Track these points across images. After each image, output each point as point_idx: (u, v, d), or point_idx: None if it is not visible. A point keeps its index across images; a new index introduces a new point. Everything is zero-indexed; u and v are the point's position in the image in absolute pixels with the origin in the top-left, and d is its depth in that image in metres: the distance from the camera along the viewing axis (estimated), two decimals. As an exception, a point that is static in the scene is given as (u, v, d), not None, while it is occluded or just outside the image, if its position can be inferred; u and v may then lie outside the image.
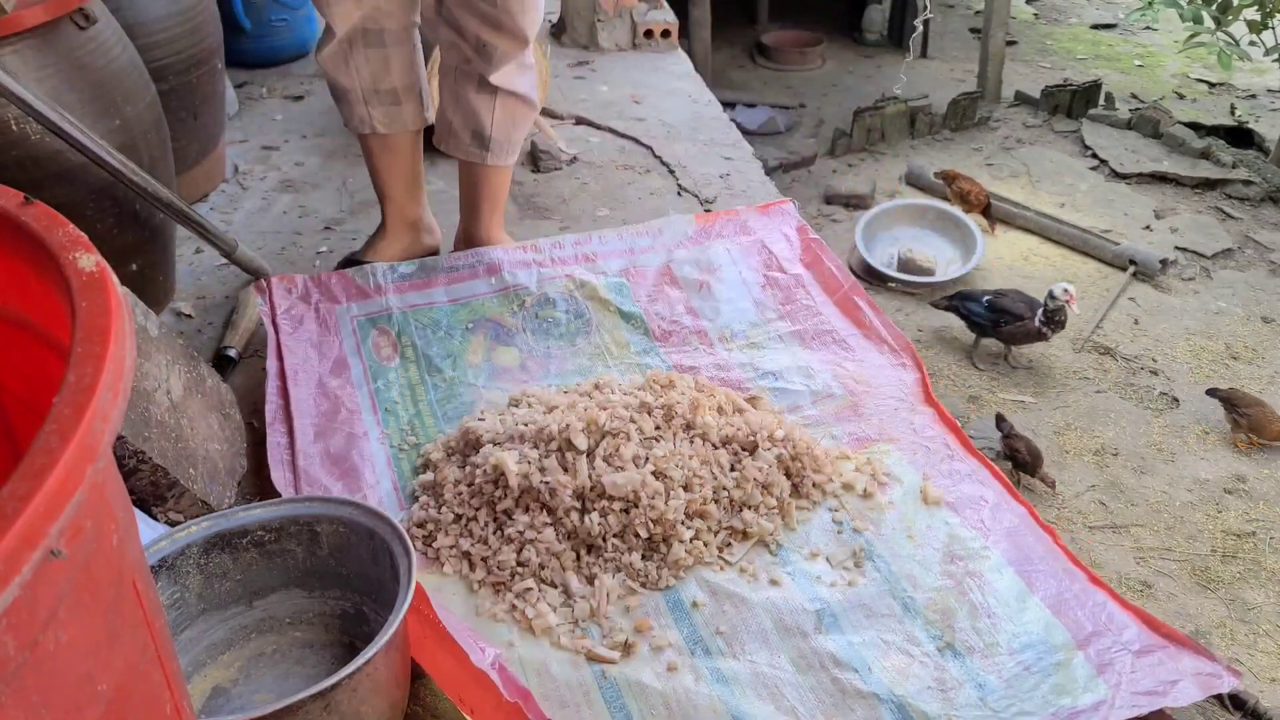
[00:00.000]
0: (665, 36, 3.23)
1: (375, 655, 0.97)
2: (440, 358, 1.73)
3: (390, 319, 1.78)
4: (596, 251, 1.96)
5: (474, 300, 1.83)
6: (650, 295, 1.89)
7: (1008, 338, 2.52)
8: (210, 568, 1.12)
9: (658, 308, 1.86)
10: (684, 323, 1.84)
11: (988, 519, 1.42)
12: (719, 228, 2.05)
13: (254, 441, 1.55)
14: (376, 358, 1.72)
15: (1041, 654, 1.22)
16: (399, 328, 1.77)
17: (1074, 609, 1.28)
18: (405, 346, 1.75)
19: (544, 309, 1.83)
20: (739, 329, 1.84)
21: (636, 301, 1.87)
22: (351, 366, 1.69)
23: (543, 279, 1.87)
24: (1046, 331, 2.46)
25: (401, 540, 1.10)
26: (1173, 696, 1.16)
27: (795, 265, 1.98)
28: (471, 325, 1.79)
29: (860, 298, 1.90)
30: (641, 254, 1.96)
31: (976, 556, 1.36)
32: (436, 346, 1.75)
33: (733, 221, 2.07)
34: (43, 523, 0.41)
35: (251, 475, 1.50)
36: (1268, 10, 3.65)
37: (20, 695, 0.43)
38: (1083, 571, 1.34)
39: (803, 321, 1.87)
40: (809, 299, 1.91)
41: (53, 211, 0.60)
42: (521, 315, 1.81)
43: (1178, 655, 1.22)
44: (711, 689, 1.18)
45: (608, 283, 1.89)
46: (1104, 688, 1.17)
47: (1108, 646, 1.23)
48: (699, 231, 2.03)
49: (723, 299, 1.90)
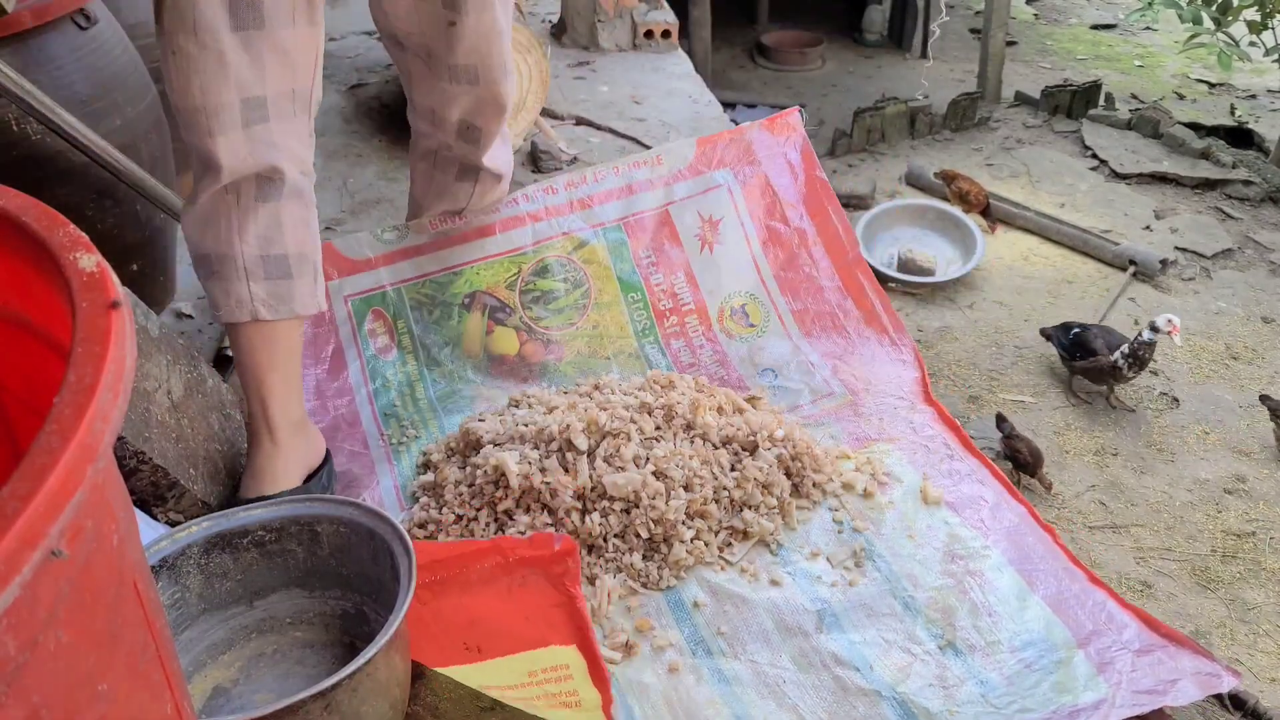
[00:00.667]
0: (665, 37, 3.23)
1: (376, 655, 0.97)
2: (438, 346, 1.70)
3: (385, 299, 1.72)
4: (592, 194, 1.86)
5: (467, 268, 1.75)
6: (649, 255, 1.83)
7: (1081, 372, 2.46)
8: (211, 568, 1.12)
9: (657, 278, 1.82)
10: (683, 297, 1.81)
11: (988, 518, 1.43)
12: (721, 153, 1.93)
13: (254, 442, 1.55)
14: (373, 348, 1.69)
15: (1042, 652, 1.22)
16: (394, 310, 1.72)
17: (1074, 608, 1.28)
18: (402, 334, 1.71)
19: (541, 278, 1.77)
20: (738, 304, 1.81)
21: (636, 266, 1.81)
22: (349, 363, 1.67)
23: (538, 236, 1.79)
24: (1125, 369, 2.35)
25: (402, 540, 1.10)
26: (1172, 695, 1.16)
27: (799, 210, 1.90)
28: (468, 301, 1.73)
29: (863, 273, 1.86)
30: (640, 191, 1.87)
31: (977, 556, 1.36)
32: (434, 333, 1.71)
33: (736, 143, 1.95)
34: (43, 523, 0.41)
35: (252, 475, 1.49)
36: (1268, 11, 3.65)
37: (20, 695, 0.43)
38: (1082, 571, 1.34)
39: (804, 298, 1.83)
40: (811, 266, 1.86)
41: (53, 211, 0.60)
42: (518, 288, 1.75)
43: (1177, 655, 1.22)
44: (713, 689, 1.18)
45: (606, 240, 1.82)
46: (1104, 686, 1.17)
47: (1108, 645, 1.23)
48: (700, 158, 1.92)
49: (723, 264, 1.84)
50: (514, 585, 1.10)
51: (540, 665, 1.12)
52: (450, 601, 1.11)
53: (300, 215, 1.34)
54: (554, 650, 1.12)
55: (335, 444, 1.55)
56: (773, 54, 5.10)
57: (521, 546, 1.09)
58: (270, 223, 1.31)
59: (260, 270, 1.32)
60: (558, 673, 1.12)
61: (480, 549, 1.18)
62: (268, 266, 1.32)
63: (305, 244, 1.35)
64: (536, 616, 1.13)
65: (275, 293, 1.33)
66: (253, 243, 1.30)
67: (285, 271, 1.33)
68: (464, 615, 1.12)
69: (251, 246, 1.31)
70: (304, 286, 1.36)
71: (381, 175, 2.38)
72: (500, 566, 1.11)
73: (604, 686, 1.13)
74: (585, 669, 1.13)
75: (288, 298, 1.34)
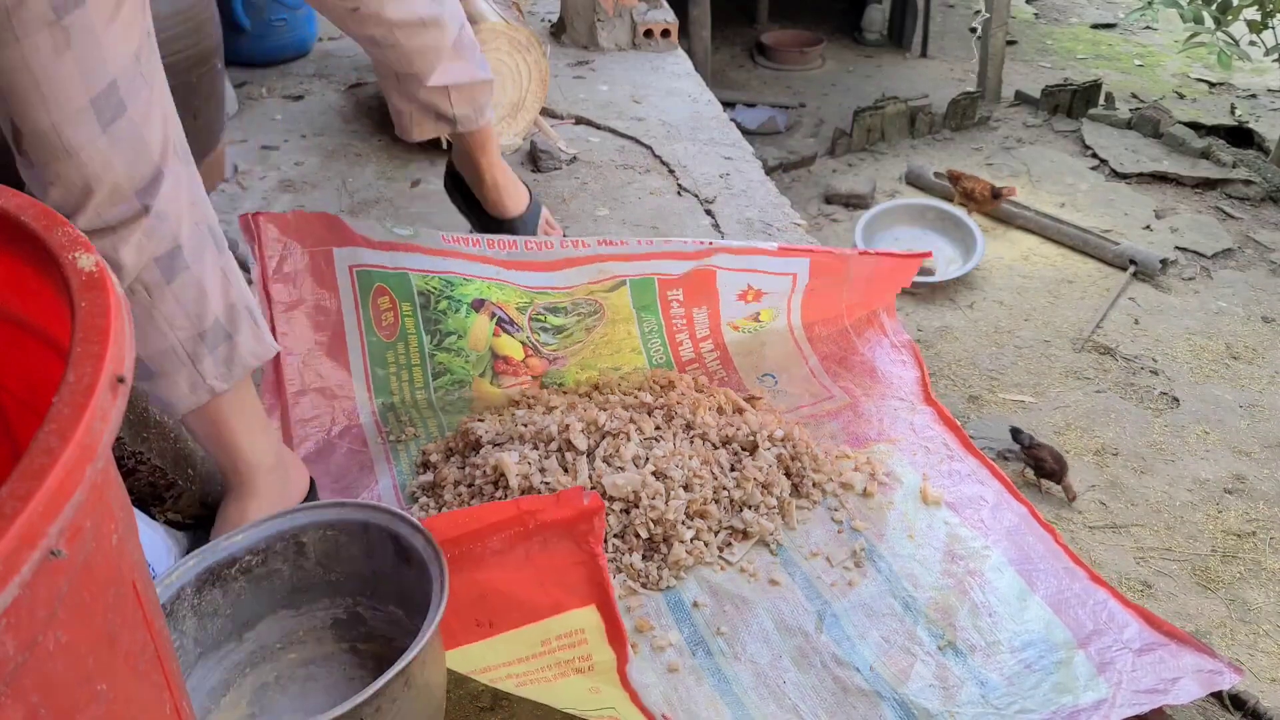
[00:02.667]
0: (665, 36, 3.23)
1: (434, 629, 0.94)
2: (442, 334, 1.65)
3: (389, 277, 1.64)
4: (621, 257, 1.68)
5: (480, 280, 1.66)
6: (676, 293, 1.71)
7: None
8: (203, 607, 1.07)
9: (677, 310, 1.72)
10: (699, 320, 1.74)
11: (988, 518, 1.43)
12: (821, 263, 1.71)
13: (254, 441, 1.55)
14: (376, 328, 1.64)
15: (1043, 652, 1.22)
16: (400, 291, 1.64)
17: (1075, 608, 1.28)
18: (406, 316, 1.65)
19: (554, 315, 1.68)
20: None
21: (659, 300, 1.70)
22: (350, 346, 1.63)
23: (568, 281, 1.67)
24: None
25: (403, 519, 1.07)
26: (1174, 694, 1.16)
27: None
28: (477, 304, 1.66)
29: None
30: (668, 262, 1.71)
31: (977, 556, 1.36)
32: (441, 320, 1.65)
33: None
34: (42, 522, 0.41)
35: (251, 475, 1.49)
36: (1268, 10, 3.65)
37: (20, 695, 0.43)
38: (1084, 570, 1.34)
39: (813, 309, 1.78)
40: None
41: (52, 211, 0.60)
42: (528, 314, 1.67)
43: (1179, 653, 1.22)
44: (713, 689, 1.18)
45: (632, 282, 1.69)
46: (1105, 686, 1.17)
47: (1109, 645, 1.23)
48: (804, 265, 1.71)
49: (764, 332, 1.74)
50: (532, 550, 1.05)
51: (553, 633, 1.09)
52: (461, 578, 1.07)
53: (213, 266, 1.17)
54: (568, 616, 1.09)
55: (333, 442, 1.55)
56: (773, 53, 5.10)
57: (546, 508, 1.01)
58: (193, 294, 1.15)
59: (202, 348, 1.17)
60: (572, 638, 1.08)
61: (499, 520, 1.08)
62: (209, 340, 1.17)
63: (230, 294, 1.19)
64: (552, 581, 1.08)
65: (224, 360, 1.19)
66: (184, 325, 1.15)
67: (224, 335, 1.19)
68: (474, 590, 1.08)
69: (184, 329, 1.15)
70: (246, 338, 1.21)
71: (380, 175, 2.38)
72: (519, 535, 1.06)
73: (620, 647, 1.10)
74: (603, 630, 1.10)
75: (235, 359, 1.20)
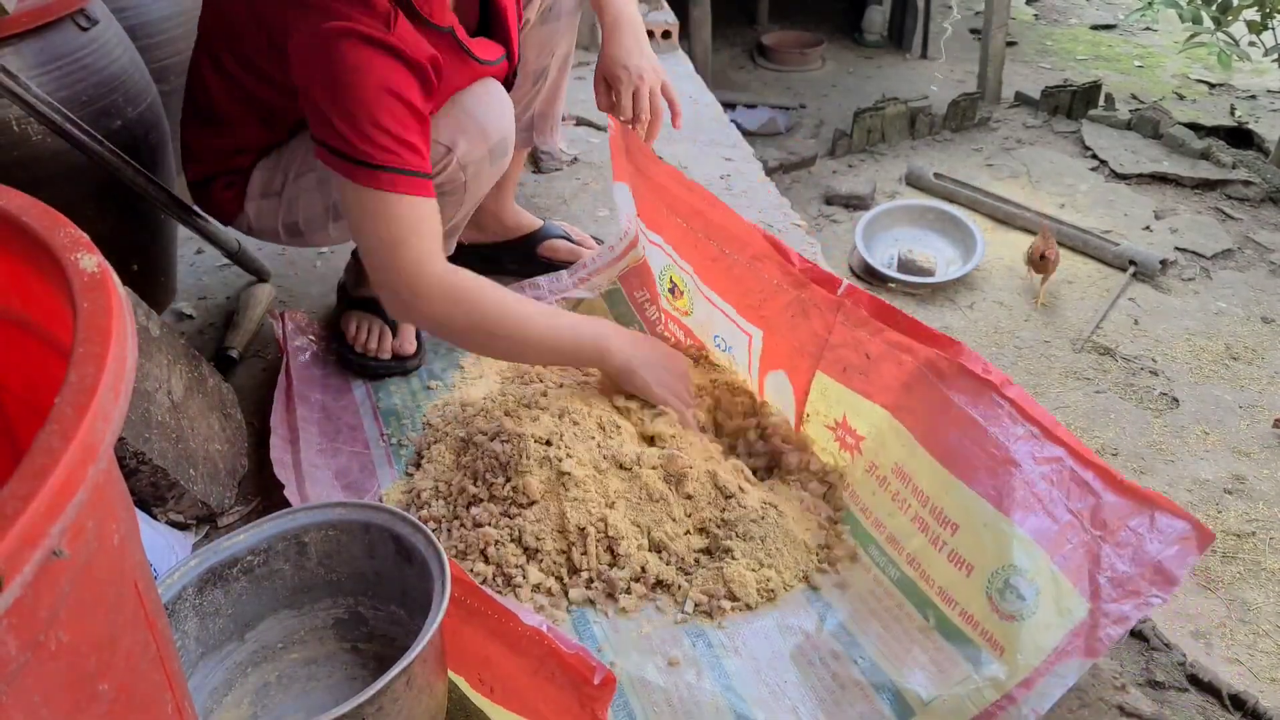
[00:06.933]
0: (665, 37, 3.23)
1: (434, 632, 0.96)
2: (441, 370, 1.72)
3: None
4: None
5: None
6: (643, 295, 1.82)
7: None
8: (205, 607, 1.08)
9: (651, 309, 1.80)
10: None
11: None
12: None
13: (255, 442, 1.56)
14: None
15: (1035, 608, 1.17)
16: None
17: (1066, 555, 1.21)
18: None
19: None
20: None
21: (630, 302, 1.83)
22: (354, 387, 1.69)
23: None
24: None
25: (403, 518, 1.08)
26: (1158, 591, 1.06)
27: None
28: None
29: None
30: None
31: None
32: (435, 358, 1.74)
33: None
34: (44, 523, 0.42)
35: (252, 475, 1.50)
36: (1267, 10, 3.65)
37: (21, 695, 0.43)
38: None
39: None
40: None
41: (54, 212, 0.60)
42: None
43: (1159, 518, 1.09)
44: (713, 685, 1.18)
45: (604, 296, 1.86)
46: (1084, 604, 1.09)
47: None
48: None
49: None
50: (542, 671, 1.02)
51: None
52: (473, 631, 1.06)
53: None
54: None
55: (336, 445, 1.55)
56: (773, 54, 5.10)
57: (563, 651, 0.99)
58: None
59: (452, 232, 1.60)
60: None
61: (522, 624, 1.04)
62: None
63: None
64: (552, 709, 1.05)
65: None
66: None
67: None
68: (483, 652, 1.07)
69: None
70: None
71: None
72: (534, 644, 1.03)
73: None
74: None
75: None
